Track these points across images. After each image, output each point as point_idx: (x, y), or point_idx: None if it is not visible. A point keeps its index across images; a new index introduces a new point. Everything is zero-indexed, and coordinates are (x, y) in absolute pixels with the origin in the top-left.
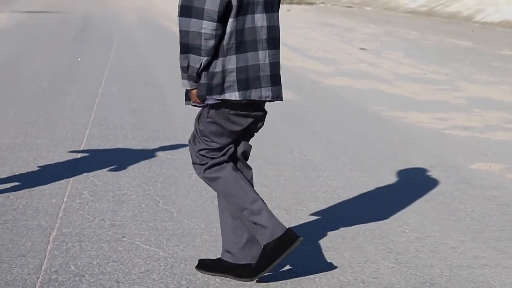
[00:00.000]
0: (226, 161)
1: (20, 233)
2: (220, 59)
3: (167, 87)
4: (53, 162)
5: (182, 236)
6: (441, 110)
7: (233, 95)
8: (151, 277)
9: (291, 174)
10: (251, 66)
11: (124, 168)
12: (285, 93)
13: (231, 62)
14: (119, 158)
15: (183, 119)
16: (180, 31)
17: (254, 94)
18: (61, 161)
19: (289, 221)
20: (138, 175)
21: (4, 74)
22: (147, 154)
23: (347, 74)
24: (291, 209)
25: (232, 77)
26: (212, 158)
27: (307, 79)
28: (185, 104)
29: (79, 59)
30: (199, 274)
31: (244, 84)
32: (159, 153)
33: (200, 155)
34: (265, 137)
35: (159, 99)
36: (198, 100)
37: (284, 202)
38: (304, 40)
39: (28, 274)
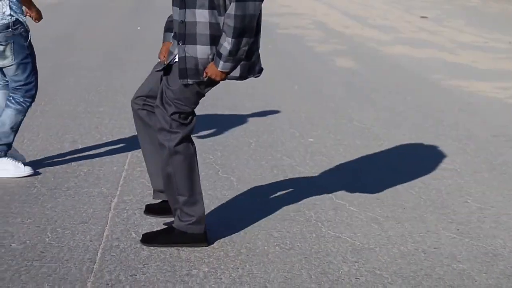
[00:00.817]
0: (192, 142)
1: (82, 200)
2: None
3: None
4: (114, 130)
5: (240, 206)
6: (503, 79)
7: (253, 73)
8: (211, 245)
9: (351, 143)
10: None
11: None
12: (344, 62)
13: (257, 42)
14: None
15: (243, 88)
16: (236, 15)
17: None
18: (122, 129)
19: (348, 190)
20: (198, 144)
21: (64, 44)
22: (206, 122)
23: (407, 42)
24: (349, 178)
25: (256, 57)
26: (181, 124)
27: (366, 47)
28: (182, 82)
29: (139, 27)
30: (259, 242)
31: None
32: (218, 122)
33: (172, 119)
34: (324, 106)
35: None
36: (218, 78)
37: (343, 172)
38: (363, 8)
39: (90, 241)
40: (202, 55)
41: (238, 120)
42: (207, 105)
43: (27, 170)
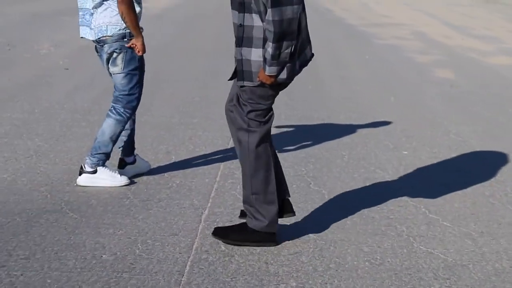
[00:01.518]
0: (271, 143)
1: (173, 211)
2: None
3: (322, 66)
4: (207, 141)
5: (333, 219)
6: None
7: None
8: (299, 259)
9: (446, 156)
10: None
11: (276, 148)
12: (443, 73)
13: (302, 42)
14: (272, 138)
15: (339, 99)
16: (274, 21)
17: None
18: (215, 140)
19: (442, 204)
20: (290, 156)
21: (163, 53)
22: (300, 134)
23: (510, 53)
24: (444, 192)
25: (302, 57)
26: (259, 123)
27: (466, 58)
28: (238, 84)
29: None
30: (348, 257)
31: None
32: (311, 133)
33: (249, 118)
34: (421, 118)
35: (313, 78)
36: (268, 82)
37: (437, 186)
38: (465, 18)
39: (180, 253)
40: (256, 57)
41: (332, 131)
42: (301, 117)
43: (123, 180)
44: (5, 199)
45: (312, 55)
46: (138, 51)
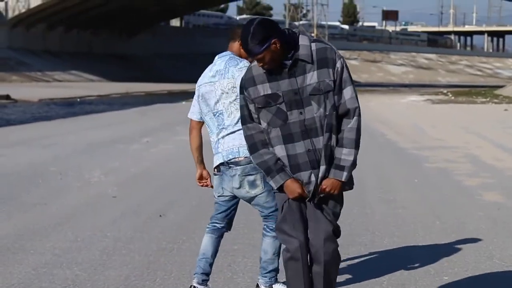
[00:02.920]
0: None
1: None
2: None
3: (368, 191)
4: (246, 268)
5: None
6: None
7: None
8: None
9: (488, 282)
10: None
11: None
12: (492, 196)
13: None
14: None
15: (382, 224)
16: (357, 129)
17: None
18: (255, 266)
19: None
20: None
21: None
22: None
23: None
24: None
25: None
26: None
27: None
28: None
29: None
30: None
31: None
32: (353, 261)
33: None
34: (465, 242)
35: (359, 202)
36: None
37: None
38: None
39: None
40: None
41: (373, 257)
42: (342, 243)
43: None
44: None
45: None
46: (211, 186)
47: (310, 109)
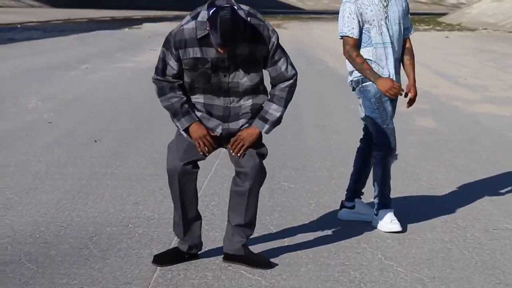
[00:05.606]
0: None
1: (130, 261)
2: None
3: (304, 117)
4: None
5: (287, 265)
6: None
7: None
8: None
9: (412, 203)
10: None
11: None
12: (424, 121)
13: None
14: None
15: (315, 149)
16: (289, 90)
17: None
18: None
19: (399, 251)
20: (259, 204)
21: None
22: (271, 183)
23: (494, 101)
24: (403, 239)
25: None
26: None
27: (450, 106)
28: None
29: None
30: None
31: None
32: (283, 182)
33: None
34: (394, 166)
35: (294, 127)
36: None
37: (398, 233)
38: (456, 67)
39: None
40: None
41: (302, 180)
42: (274, 167)
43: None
44: None
45: None
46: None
47: (236, 74)
